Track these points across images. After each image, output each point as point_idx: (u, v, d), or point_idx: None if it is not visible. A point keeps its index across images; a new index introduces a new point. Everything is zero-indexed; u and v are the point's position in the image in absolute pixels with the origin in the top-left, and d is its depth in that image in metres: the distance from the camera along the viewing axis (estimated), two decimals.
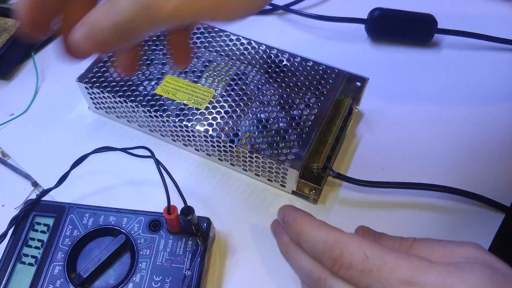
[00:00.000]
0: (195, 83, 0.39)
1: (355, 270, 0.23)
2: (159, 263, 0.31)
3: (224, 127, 0.36)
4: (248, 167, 0.37)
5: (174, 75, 0.39)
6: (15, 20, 0.48)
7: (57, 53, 0.25)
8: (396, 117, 0.42)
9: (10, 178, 0.40)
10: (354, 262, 0.23)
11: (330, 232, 0.25)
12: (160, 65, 0.40)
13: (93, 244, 0.33)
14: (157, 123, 0.39)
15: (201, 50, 0.41)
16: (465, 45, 0.48)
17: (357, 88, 0.40)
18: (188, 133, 0.37)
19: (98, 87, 0.39)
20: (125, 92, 0.38)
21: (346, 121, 0.40)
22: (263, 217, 0.36)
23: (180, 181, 0.34)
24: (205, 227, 0.33)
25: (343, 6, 0.52)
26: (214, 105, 0.37)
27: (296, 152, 0.34)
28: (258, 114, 0.37)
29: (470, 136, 0.41)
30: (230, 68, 0.40)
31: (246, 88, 0.38)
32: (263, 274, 0.34)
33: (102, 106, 0.41)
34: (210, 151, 0.38)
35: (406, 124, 0.42)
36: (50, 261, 0.32)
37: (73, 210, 0.34)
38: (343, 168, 0.39)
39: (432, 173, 0.38)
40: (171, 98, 0.38)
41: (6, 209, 0.38)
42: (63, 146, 0.41)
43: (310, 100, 0.37)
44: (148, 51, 0.41)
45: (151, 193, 0.38)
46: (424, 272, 0.22)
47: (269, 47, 0.41)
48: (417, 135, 0.41)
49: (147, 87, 0.38)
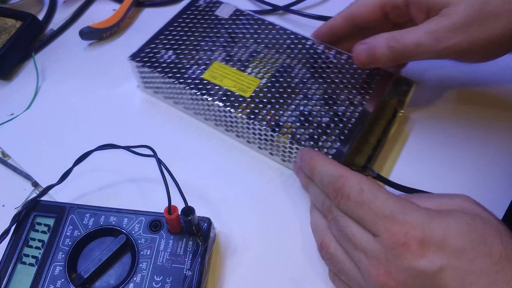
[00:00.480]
0: (241, 71, 0.40)
1: (352, 201, 0.27)
2: (160, 263, 0.31)
3: (267, 116, 0.37)
4: (287, 158, 0.38)
5: (222, 62, 0.40)
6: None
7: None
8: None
9: (10, 178, 0.40)
10: (352, 194, 0.27)
11: (337, 167, 0.29)
12: (209, 51, 0.41)
13: (93, 244, 0.33)
14: (202, 106, 0.40)
15: (250, 41, 0.42)
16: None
17: (403, 91, 0.39)
18: (231, 119, 0.38)
19: (149, 66, 0.40)
20: (175, 74, 0.39)
21: (389, 123, 0.39)
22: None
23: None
24: (205, 227, 0.33)
25: (342, 6, 0.52)
26: (259, 94, 0.38)
27: (338, 147, 0.35)
28: (301, 107, 0.37)
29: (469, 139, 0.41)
30: (276, 60, 0.40)
31: (291, 80, 0.39)
32: (263, 274, 0.34)
33: (151, 86, 0.43)
34: (250, 138, 0.39)
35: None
36: (51, 261, 0.32)
37: (74, 210, 0.34)
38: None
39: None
40: (218, 84, 0.39)
41: (6, 209, 0.38)
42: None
43: (355, 98, 0.38)
44: (198, 37, 0.42)
45: (153, 192, 0.38)
46: (408, 212, 0.25)
47: (316, 43, 0.42)
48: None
49: (196, 71, 0.40)
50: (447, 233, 0.24)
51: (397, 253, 0.24)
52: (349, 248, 0.27)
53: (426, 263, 0.23)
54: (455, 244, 0.23)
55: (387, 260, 0.25)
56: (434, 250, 0.23)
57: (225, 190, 0.38)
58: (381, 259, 0.25)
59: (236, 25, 0.43)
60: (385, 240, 0.25)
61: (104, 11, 0.53)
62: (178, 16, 0.44)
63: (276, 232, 0.36)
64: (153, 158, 0.34)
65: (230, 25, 0.43)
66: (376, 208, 0.26)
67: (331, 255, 0.29)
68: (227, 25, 0.43)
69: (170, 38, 0.42)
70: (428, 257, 0.23)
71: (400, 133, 0.41)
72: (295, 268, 0.34)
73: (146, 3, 0.53)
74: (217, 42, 0.42)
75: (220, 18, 0.44)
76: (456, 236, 0.24)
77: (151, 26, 0.51)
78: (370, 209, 0.26)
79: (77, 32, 0.49)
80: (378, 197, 0.26)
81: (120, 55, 0.48)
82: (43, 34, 0.51)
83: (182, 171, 0.34)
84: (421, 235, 0.24)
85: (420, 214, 0.25)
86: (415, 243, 0.24)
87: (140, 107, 0.44)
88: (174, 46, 0.41)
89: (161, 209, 0.32)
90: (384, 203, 0.26)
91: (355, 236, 0.27)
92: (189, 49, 0.41)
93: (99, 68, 0.47)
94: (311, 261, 0.34)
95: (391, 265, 0.24)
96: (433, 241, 0.24)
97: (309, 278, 0.33)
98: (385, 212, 0.25)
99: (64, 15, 0.53)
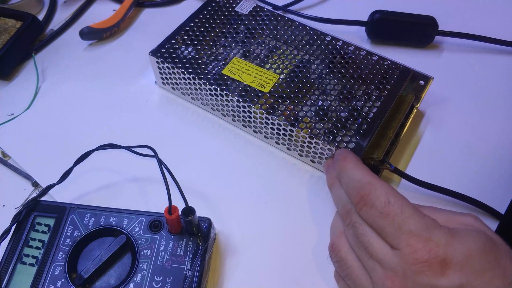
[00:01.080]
0: (260, 67, 0.40)
1: (375, 210, 0.26)
2: (160, 263, 0.31)
3: (286, 111, 0.37)
4: (305, 153, 0.38)
5: (241, 57, 0.41)
6: None
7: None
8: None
9: (10, 178, 0.40)
10: (377, 204, 0.26)
11: (366, 174, 0.29)
12: (228, 47, 0.42)
13: (94, 244, 0.33)
14: (221, 102, 0.40)
15: (269, 37, 0.42)
16: (466, 47, 0.48)
17: (419, 86, 0.40)
18: (250, 114, 0.38)
19: (169, 62, 0.40)
20: (194, 70, 0.40)
21: (407, 118, 0.40)
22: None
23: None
24: (205, 228, 0.33)
25: (342, 7, 0.52)
26: (278, 89, 0.38)
27: (357, 141, 0.35)
28: (320, 102, 0.37)
29: (468, 138, 0.41)
30: (295, 55, 0.41)
31: (309, 76, 0.39)
32: (263, 274, 0.34)
33: (170, 82, 0.43)
34: (269, 133, 0.39)
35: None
36: (51, 262, 0.32)
37: (74, 210, 0.34)
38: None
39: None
40: (237, 79, 0.39)
41: (6, 209, 0.38)
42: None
43: (373, 93, 0.38)
44: (218, 33, 0.43)
45: (153, 192, 0.38)
46: (432, 230, 0.25)
47: (334, 39, 0.42)
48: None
49: (215, 67, 0.40)
50: (468, 253, 0.24)
51: (417, 269, 0.24)
52: (364, 256, 0.27)
53: (446, 281, 0.24)
54: (475, 264, 0.24)
55: (404, 274, 0.25)
56: (455, 270, 0.24)
57: (225, 190, 0.38)
58: (398, 272, 0.25)
59: (256, 21, 0.44)
60: (406, 255, 0.25)
61: (104, 11, 0.53)
62: (198, 12, 0.45)
63: (276, 232, 0.36)
64: (154, 158, 0.34)
65: (250, 21, 0.44)
66: (400, 222, 0.25)
67: (341, 258, 0.29)
68: (246, 21, 0.44)
69: (190, 34, 0.43)
70: (448, 276, 0.24)
71: (415, 128, 0.42)
72: (295, 268, 0.34)
73: (146, 3, 0.53)
74: (237, 38, 0.42)
75: (240, 14, 0.44)
76: (476, 256, 0.24)
77: (151, 26, 0.51)
78: (394, 222, 0.26)
79: (77, 32, 0.49)
80: (404, 211, 0.26)
81: (120, 55, 0.48)
82: (43, 34, 0.51)
83: (183, 171, 0.34)
84: (444, 254, 0.24)
85: (444, 233, 0.25)
86: (437, 262, 0.24)
87: (141, 108, 0.44)
88: (194, 42, 0.42)
89: (161, 209, 0.32)
90: (410, 218, 0.25)
91: (372, 245, 0.26)
92: (209, 45, 0.42)
93: (99, 68, 0.47)
94: (311, 261, 0.34)
95: (409, 279, 0.24)
96: (455, 260, 0.24)
97: (310, 278, 0.33)
98: (410, 227, 0.25)
99: (64, 15, 0.53)
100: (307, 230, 0.36)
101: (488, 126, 0.42)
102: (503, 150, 0.40)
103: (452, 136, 0.41)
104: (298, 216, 0.36)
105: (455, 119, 0.42)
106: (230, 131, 0.42)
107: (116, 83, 0.46)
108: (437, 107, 0.43)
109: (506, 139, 0.41)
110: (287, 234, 0.36)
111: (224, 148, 0.41)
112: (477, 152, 0.40)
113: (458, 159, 0.40)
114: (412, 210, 0.26)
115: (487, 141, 0.41)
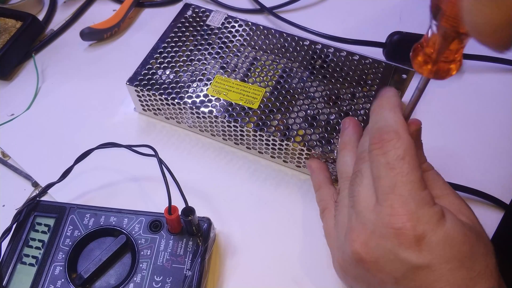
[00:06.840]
0: (244, 82, 0.39)
1: (385, 158, 0.25)
2: (160, 263, 0.32)
3: (279, 125, 0.36)
4: (303, 164, 0.38)
5: (222, 74, 0.39)
6: None
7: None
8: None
9: (10, 178, 0.40)
10: (391, 153, 0.25)
11: (399, 123, 0.26)
12: (208, 65, 0.40)
13: (94, 244, 0.33)
14: (209, 124, 0.39)
15: (248, 48, 0.41)
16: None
17: (402, 80, 0.40)
18: (242, 133, 0.38)
19: (149, 89, 0.38)
20: (177, 94, 0.38)
21: None
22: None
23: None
24: (205, 228, 0.33)
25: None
26: (266, 103, 0.37)
27: None
28: (307, 109, 0.37)
29: (471, 132, 0.41)
30: (277, 65, 0.40)
31: (295, 85, 0.38)
32: (263, 274, 0.34)
33: (151, 108, 0.41)
34: (263, 149, 0.38)
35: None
36: (51, 262, 0.32)
37: (74, 210, 0.34)
38: None
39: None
40: (223, 99, 0.38)
41: (6, 209, 0.38)
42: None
43: (358, 92, 0.38)
44: (194, 51, 0.41)
45: (153, 192, 0.38)
46: (423, 205, 0.24)
47: (313, 42, 0.41)
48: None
49: (197, 88, 0.39)
50: (445, 239, 0.24)
51: (386, 232, 0.24)
52: (349, 203, 0.27)
53: (409, 255, 0.23)
54: (446, 250, 0.23)
55: (372, 232, 0.25)
56: (425, 249, 0.23)
57: (226, 191, 0.38)
58: (368, 228, 0.25)
59: (230, 33, 0.42)
60: (383, 215, 0.24)
61: (105, 11, 0.53)
62: (168, 31, 0.42)
63: (276, 232, 0.36)
64: (154, 158, 0.34)
65: (224, 34, 0.42)
66: (398, 182, 0.24)
67: (339, 200, 0.29)
68: (220, 35, 0.42)
69: (166, 56, 0.41)
70: (414, 252, 0.23)
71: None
72: (295, 268, 0.34)
73: (146, 4, 0.53)
74: (214, 54, 0.41)
75: (213, 27, 0.43)
76: (451, 244, 0.24)
77: (151, 26, 0.51)
78: (393, 178, 0.24)
79: (77, 33, 0.49)
80: (410, 176, 0.24)
81: (120, 56, 0.48)
82: (43, 34, 0.51)
83: (183, 171, 0.34)
84: (421, 231, 0.23)
85: (433, 213, 0.24)
86: (412, 235, 0.23)
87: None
88: (172, 64, 0.40)
89: (161, 209, 0.32)
90: (409, 183, 0.24)
91: (359, 195, 0.26)
92: (187, 65, 0.40)
93: (100, 68, 0.47)
94: (311, 261, 0.34)
95: (373, 239, 0.24)
96: (429, 240, 0.23)
97: (309, 278, 0.33)
98: (403, 192, 0.24)
99: (65, 15, 0.53)
100: (307, 231, 0.36)
101: (491, 118, 0.42)
102: (508, 139, 0.40)
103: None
104: (298, 217, 0.37)
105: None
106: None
107: (116, 84, 0.46)
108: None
109: (510, 129, 0.41)
110: (287, 234, 0.36)
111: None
112: (481, 143, 0.40)
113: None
114: (417, 179, 0.24)
115: (491, 131, 0.41)
